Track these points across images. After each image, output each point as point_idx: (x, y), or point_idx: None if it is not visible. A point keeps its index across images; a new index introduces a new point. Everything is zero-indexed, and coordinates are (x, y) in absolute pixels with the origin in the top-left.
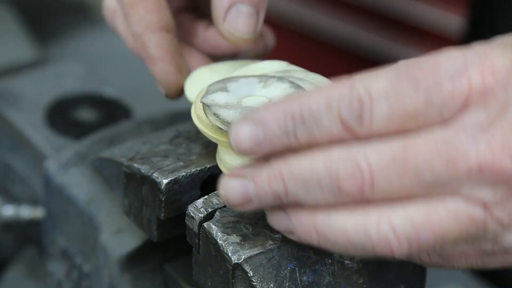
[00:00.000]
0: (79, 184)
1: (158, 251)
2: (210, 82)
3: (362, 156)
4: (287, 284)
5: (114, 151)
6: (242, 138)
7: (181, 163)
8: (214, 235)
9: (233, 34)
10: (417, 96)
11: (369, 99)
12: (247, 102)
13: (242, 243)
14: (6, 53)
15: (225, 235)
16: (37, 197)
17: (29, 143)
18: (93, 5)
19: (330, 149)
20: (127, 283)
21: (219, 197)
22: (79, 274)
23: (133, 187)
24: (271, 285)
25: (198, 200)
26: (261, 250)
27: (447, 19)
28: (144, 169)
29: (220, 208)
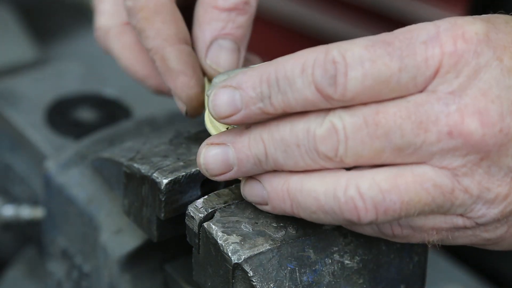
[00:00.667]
0: (79, 184)
1: (158, 251)
2: None
3: (338, 119)
4: (287, 284)
5: (114, 151)
6: (220, 103)
7: (181, 163)
8: (214, 235)
9: (216, 70)
10: (391, 61)
11: (344, 63)
12: None
13: (242, 243)
14: (6, 53)
15: (225, 235)
16: (37, 197)
17: (29, 143)
18: (93, 5)
19: (308, 113)
20: (127, 283)
21: (198, 168)
22: (79, 274)
23: (133, 187)
24: (271, 285)
25: (198, 200)
26: (261, 250)
27: None
28: (144, 169)
29: (220, 208)
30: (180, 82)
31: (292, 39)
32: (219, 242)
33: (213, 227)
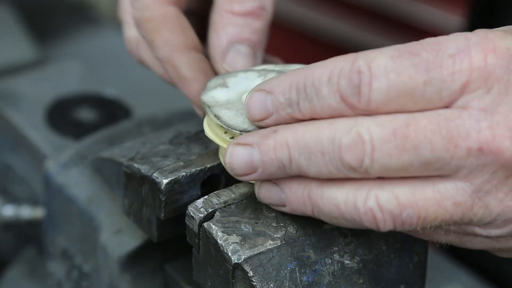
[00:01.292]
0: (79, 184)
1: (158, 251)
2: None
3: (365, 129)
4: (287, 284)
5: (114, 151)
6: (253, 106)
7: (181, 163)
8: (214, 235)
9: None
10: (416, 74)
11: (369, 73)
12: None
13: (242, 243)
14: (6, 53)
15: (225, 235)
16: (37, 197)
17: (29, 143)
18: (93, 5)
19: (335, 120)
20: (127, 283)
21: (225, 165)
22: (79, 274)
23: (133, 187)
24: (271, 285)
25: (198, 200)
26: (261, 250)
27: (447, 19)
28: (144, 169)
29: (220, 208)
30: (193, 89)
31: (293, 39)
32: (219, 242)
33: (213, 227)
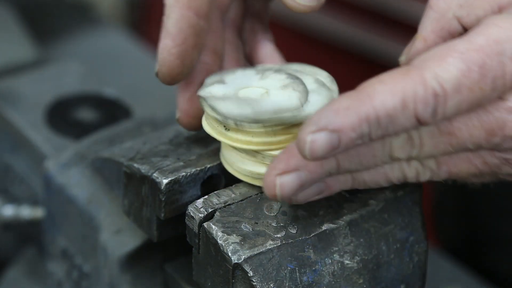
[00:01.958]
0: (79, 184)
1: (158, 251)
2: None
3: (414, 131)
4: (287, 284)
5: (114, 151)
6: (320, 149)
7: (181, 163)
8: (214, 235)
9: (297, 2)
10: (486, 85)
11: (444, 94)
12: (244, 93)
13: (242, 243)
14: (6, 53)
15: (225, 235)
16: (37, 197)
17: (29, 143)
18: (93, 5)
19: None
20: (127, 283)
21: (265, 193)
22: (79, 274)
23: (133, 187)
24: (271, 285)
25: (198, 200)
26: (261, 250)
27: None
28: (144, 169)
29: (220, 208)
30: (163, 44)
31: (292, 39)
32: (219, 242)
33: (213, 227)
